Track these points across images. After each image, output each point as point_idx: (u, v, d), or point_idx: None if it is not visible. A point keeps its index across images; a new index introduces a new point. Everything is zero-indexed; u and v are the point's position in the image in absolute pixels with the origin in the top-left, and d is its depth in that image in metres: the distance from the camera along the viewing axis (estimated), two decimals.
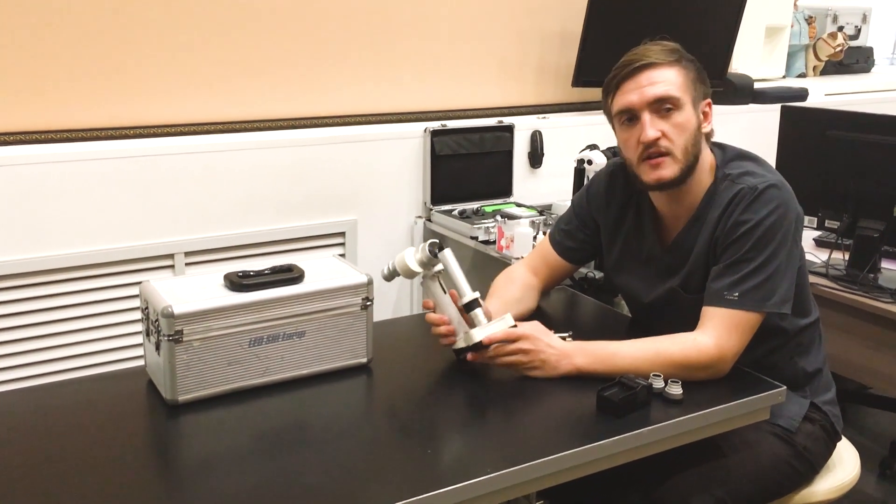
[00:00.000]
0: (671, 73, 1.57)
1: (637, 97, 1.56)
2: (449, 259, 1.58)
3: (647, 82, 1.56)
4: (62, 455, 1.28)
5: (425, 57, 2.87)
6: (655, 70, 1.56)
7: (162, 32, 2.41)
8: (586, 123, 3.06)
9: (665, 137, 1.56)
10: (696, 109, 1.59)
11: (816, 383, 1.72)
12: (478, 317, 1.54)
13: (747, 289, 1.53)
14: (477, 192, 2.87)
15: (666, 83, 1.56)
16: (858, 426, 2.93)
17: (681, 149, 1.56)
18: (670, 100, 1.55)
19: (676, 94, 1.55)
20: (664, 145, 1.56)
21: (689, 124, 1.57)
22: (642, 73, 1.56)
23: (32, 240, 2.24)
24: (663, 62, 1.57)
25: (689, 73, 1.59)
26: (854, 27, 4.48)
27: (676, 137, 1.56)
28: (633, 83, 1.57)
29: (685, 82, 1.57)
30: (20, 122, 2.28)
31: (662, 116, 1.56)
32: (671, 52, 1.59)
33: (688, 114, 1.57)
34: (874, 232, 2.20)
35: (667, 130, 1.56)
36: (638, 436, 1.35)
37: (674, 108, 1.56)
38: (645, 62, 1.56)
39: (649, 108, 1.56)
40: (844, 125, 2.32)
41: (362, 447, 1.32)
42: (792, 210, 1.57)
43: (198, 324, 1.40)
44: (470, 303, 1.55)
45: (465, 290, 1.55)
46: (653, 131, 1.55)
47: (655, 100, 1.55)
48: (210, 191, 2.46)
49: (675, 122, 1.56)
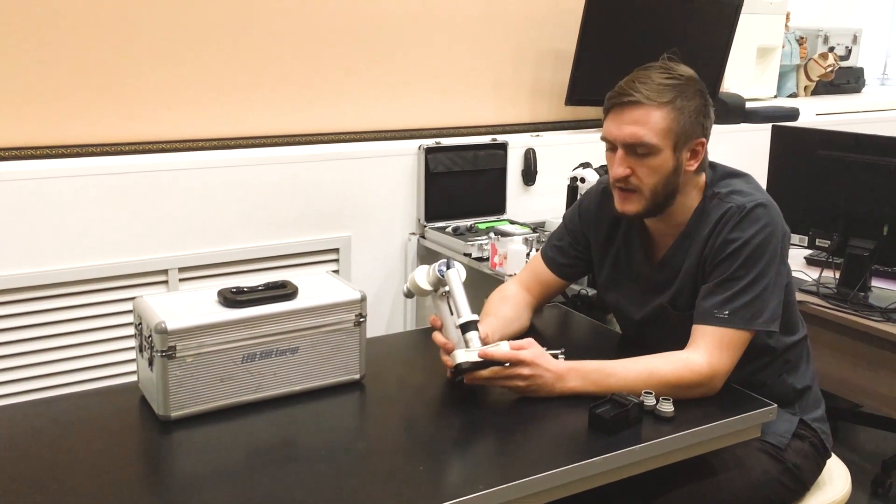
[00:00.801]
0: (657, 117, 1.53)
1: (617, 132, 1.56)
2: (452, 279, 1.57)
3: (628, 121, 1.54)
4: (53, 470, 1.28)
5: (420, 74, 2.89)
6: (640, 110, 1.53)
7: (157, 49, 2.43)
8: (579, 141, 3.08)
9: (635, 175, 1.56)
10: (679, 152, 1.56)
11: (806, 400, 1.73)
12: (472, 340, 1.52)
13: (737, 307, 1.54)
14: (470, 210, 2.89)
15: (646, 127, 1.53)
16: (849, 444, 2.94)
17: (649, 188, 1.57)
18: (644, 145, 1.53)
19: (652, 140, 1.53)
20: (633, 183, 1.57)
21: (662, 168, 1.55)
22: (626, 109, 1.54)
23: (26, 255, 2.24)
24: (652, 103, 1.53)
25: (682, 114, 1.54)
26: (845, 48, 4.52)
27: (646, 178, 1.56)
28: (616, 116, 1.56)
29: (669, 127, 1.53)
30: (16, 138, 2.29)
31: (635, 157, 1.55)
32: (669, 89, 1.54)
33: (663, 158, 1.55)
34: (864, 251, 2.22)
35: (638, 170, 1.56)
36: (629, 453, 1.35)
37: (648, 153, 1.54)
38: (633, 99, 1.53)
39: (624, 146, 1.56)
40: (835, 145, 2.34)
41: (355, 464, 1.32)
42: (779, 228, 1.58)
43: (191, 340, 1.40)
44: (466, 324, 1.53)
45: (464, 312, 1.54)
46: (621, 169, 1.56)
47: (630, 142, 1.54)
48: (204, 207, 2.47)
49: (648, 164, 1.55)
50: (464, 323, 1.53)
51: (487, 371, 1.49)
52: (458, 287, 1.57)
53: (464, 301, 1.55)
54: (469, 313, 1.54)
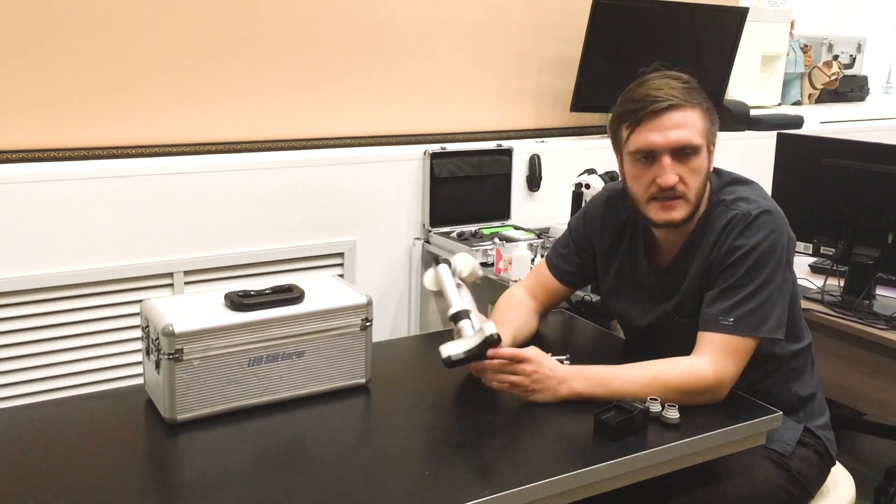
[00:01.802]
0: (694, 117, 1.55)
1: (661, 139, 1.54)
2: (441, 274, 1.63)
3: (671, 125, 1.53)
4: (59, 472, 1.28)
5: (425, 80, 2.90)
6: (680, 112, 1.54)
7: (165, 53, 2.44)
8: (584, 148, 3.09)
9: (682, 182, 1.56)
10: (710, 153, 1.60)
11: (810, 408, 1.73)
12: (463, 329, 1.54)
13: (742, 314, 1.54)
14: (475, 215, 2.89)
15: (690, 129, 1.54)
16: (853, 453, 2.94)
17: (694, 192, 1.57)
18: (691, 147, 1.54)
19: (698, 140, 1.55)
20: (680, 190, 1.56)
21: (703, 168, 1.58)
22: (666, 113, 1.53)
23: (32, 257, 2.25)
24: (688, 104, 1.54)
25: (709, 114, 1.58)
26: (849, 56, 4.52)
27: (692, 181, 1.56)
28: (653, 123, 1.54)
29: (704, 126, 1.56)
30: (21, 140, 2.30)
31: (681, 160, 1.55)
32: (694, 92, 1.57)
33: (703, 158, 1.57)
34: (869, 259, 2.22)
35: (684, 175, 1.56)
36: (635, 459, 1.35)
37: (693, 154, 1.55)
38: (672, 102, 1.53)
39: (671, 151, 1.55)
40: (840, 153, 2.34)
41: (360, 468, 1.32)
42: (784, 235, 1.58)
43: (198, 343, 1.41)
44: (456, 314, 1.56)
45: (452, 302, 1.57)
46: (673, 177, 1.54)
47: (679, 146, 1.54)
48: (210, 210, 2.48)
49: (692, 167, 1.56)
50: (454, 313, 1.56)
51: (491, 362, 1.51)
52: (445, 281, 1.62)
53: (453, 292, 1.59)
54: (459, 303, 1.57)
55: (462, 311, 1.56)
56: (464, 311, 1.56)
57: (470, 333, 1.54)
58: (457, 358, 1.51)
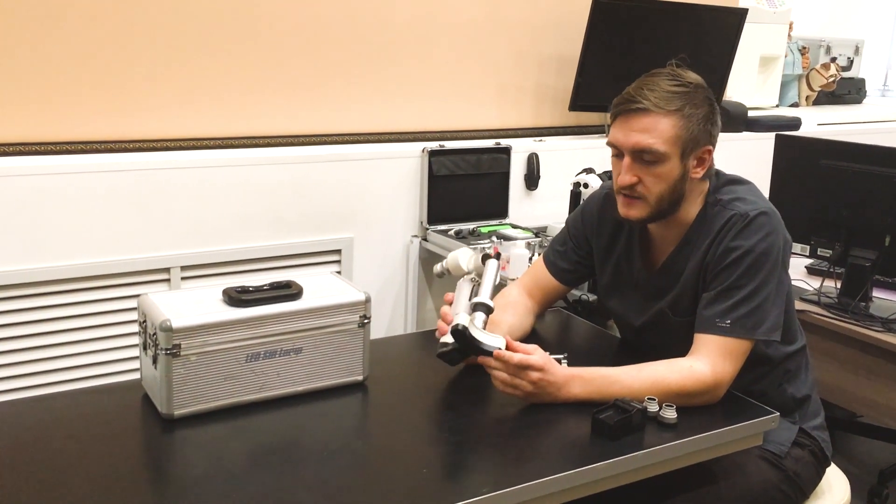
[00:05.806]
0: (665, 124, 1.52)
1: (623, 139, 1.55)
2: (491, 268, 1.63)
3: (637, 128, 1.53)
4: (56, 468, 1.28)
5: (424, 78, 2.90)
6: (649, 117, 1.52)
7: (162, 48, 2.43)
8: (583, 147, 3.09)
9: (641, 183, 1.56)
10: (685, 160, 1.56)
11: (805, 409, 1.74)
12: (476, 318, 1.54)
13: (738, 316, 1.54)
14: (473, 213, 2.89)
15: (654, 135, 1.52)
16: (848, 454, 2.94)
17: (655, 196, 1.57)
18: (652, 153, 1.53)
19: (661, 148, 1.53)
20: (638, 190, 1.57)
21: (669, 175, 1.55)
22: (634, 116, 1.54)
23: (28, 251, 2.24)
24: (660, 111, 1.52)
25: (690, 122, 1.54)
26: (847, 58, 4.53)
27: (652, 186, 1.56)
28: (624, 122, 1.55)
29: (678, 135, 1.53)
30: (19, 134, 2.29)
31: (643, 164, 1.55)
32: (677, 96, 1.54)
33: (671, 166, 1.55)
34: (866, 261, 2.23)
35: (644, 178, 1.56)
36: (632, 459, 1.35)
37: (656, 161, 1.54)
38: (642, 106, 1.53)
39: (631, 153, 1.55)
40: (838, 155, 2.34)
41: (357, 465, 1.32)
42: (781, 237, 1.59)
43: (195, 338, 1.40)
44: (479, 303, 1.56)
45: (484, 294, 1.58)
46: (628, 177, 1.56)
47: (637, 149, 1.54)
48: (207, 206, 2.47)
49: (654, 172, 1.55)
50: (477, 302, 1.56)
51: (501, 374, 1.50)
52: (490, 277, 1.62)
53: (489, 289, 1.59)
54: (489, 299, 1.57)
55: (490, 306, 1.56)
56: (490, 308, 1.56)
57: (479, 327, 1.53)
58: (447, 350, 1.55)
